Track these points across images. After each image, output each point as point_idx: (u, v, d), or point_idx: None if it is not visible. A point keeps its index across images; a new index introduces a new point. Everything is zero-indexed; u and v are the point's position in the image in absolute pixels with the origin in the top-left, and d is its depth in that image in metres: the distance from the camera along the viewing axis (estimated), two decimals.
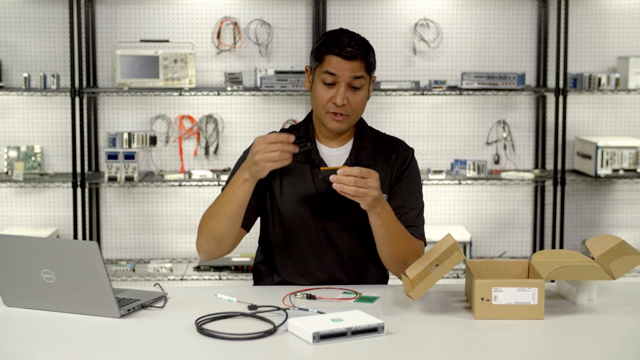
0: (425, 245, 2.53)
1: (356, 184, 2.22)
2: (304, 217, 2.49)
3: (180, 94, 4.39)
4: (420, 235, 2.51)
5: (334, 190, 2.33)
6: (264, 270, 2.60)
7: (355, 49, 2.40)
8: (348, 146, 2.54)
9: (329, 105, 2.43)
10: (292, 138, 2.26)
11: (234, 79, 4.42)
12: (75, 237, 4.38)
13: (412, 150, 2.59)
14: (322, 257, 2.50)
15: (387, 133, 2.64)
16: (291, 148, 2.26)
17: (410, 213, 2.50)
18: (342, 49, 2.39)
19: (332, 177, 2.23)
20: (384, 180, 2.50)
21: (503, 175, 4.54)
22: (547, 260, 2.30)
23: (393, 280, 4.40)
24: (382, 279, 2.59)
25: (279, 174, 2.51)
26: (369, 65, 2.44)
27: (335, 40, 2.42)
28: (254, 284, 2.63)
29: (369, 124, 2.63)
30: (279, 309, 2.13)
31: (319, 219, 2.48)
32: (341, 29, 2.47)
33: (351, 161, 2.51)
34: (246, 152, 2.53)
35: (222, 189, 2.47)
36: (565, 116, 4.45)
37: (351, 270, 2.51)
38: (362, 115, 2.51)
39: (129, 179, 4.33)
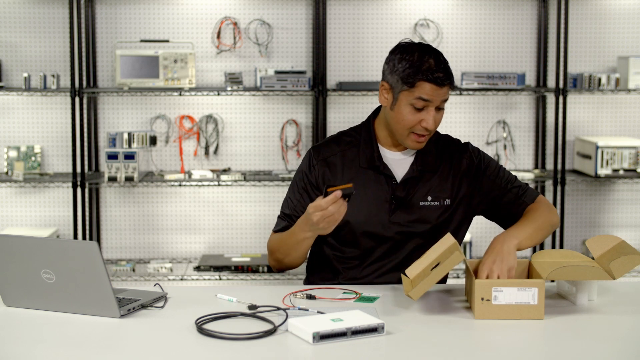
0: (542, 194, 2.60)
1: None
2: (371, 221, 2.49)
3: (180, 94, 4.39)
4: (535, 195, 2.54)
5: (398, 197, 2.43)
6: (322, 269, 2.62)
7: (445, 73, 2.41)
8: (410, 150, 2.55)
9: (416, 128, 2.44)
10: (339, 194, 2.23)
11: (234, 79, 4.42)
12: (75, 237, 4.38)
13: (468, 145, 2.61)
14: (384, 261, 2.52)
15: (443, 134, 2.65)
16: (341, 202, 2.25)
17: (513, 190, 2.54)
18: (435, 76, 2.39)
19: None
20: (445, 185, 2.52)
21: None
22: (547, 260, 2.30)
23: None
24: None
25: (339, 184, 2.49)
26: (452, 85, 2.46)
27: (424, 64, 2.40)
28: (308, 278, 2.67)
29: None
30: (279, 309, 2.13)
31: (384, 224, 2.49)
32: (422, 48, 2.45)
33: (416, 166, 2.51)
34: (304, 164, 2.57)
35: (285, 199, 2.57)
36: (565, 116, 4.45)
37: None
38: None
39: (129, 179, 4.33)
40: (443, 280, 2.59)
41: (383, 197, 2.49)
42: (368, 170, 2.52)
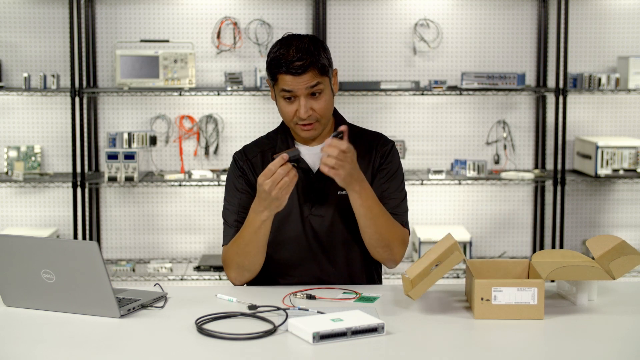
0: (409, 234, 2.56)
1: (337, 156, 2.25)
2: (295, 214, 2.49)
3: (180, 94, 4.39)
4: (403, 223, 2.52)
5: (316, 188, 2.42)
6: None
7: (303, 61, 2.38)
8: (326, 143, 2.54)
9: (295, 119, 2.44)
10: (285, 156, 2.27)
11: (234, 79, 4.42)
12: (75, 237, 4.38)
13: (391, 144, 2.59)
14: (308, 254, 2.51)
15: (368, 129, 2.65)
16: (289, 166, 2.27)
17: (390, 202, 2.51)
18: (290, 67, 2.38)
19: (325, 147, 2.26)
20: (364, 176, 2.49)
21: (503, 175, 4.54)
22: (547, 260, 2.30)
23: (393, 280, 4.41)
24: (371, 273, 2.60)
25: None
26: (322, 67, 2.42)
27: (282, 57, 2.39)
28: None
29: (369, 124, 2.64)
30: (279, 309, 2.13)
31: (305, 218, 2.49)
32: (289, 37, 2.45)
33: None
34: (232, 171, 2.58)
35: (224, 211, 2.54)
36: (565, 116, 4.45)
37: (332, 267, 2.51)
38: (331, 113, 2.50)
39: (129, 179, 4.33)
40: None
41: (302, 191, 2.49)
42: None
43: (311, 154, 2.53)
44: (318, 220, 2.49)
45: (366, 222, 2.39)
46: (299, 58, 2.38)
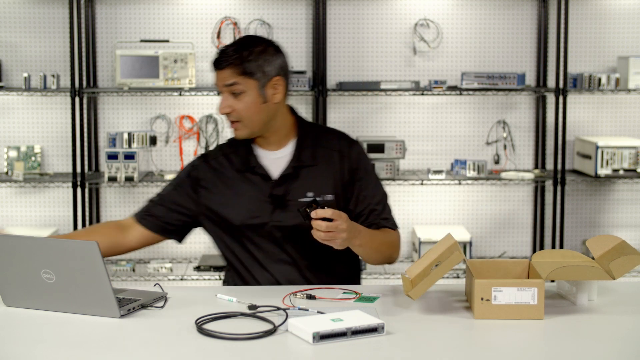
0: (399, 229, 2.59)
1: (327, 228, 2.21)
2: (253, 222, 2.49)
3: (180, 94, 4.39)
4: (393, 226, 2.54)
5: (275, 195, 2.45)
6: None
7: (225, 57, 2.42)
8: (288, 148, 2.55)
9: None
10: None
11: None
12: None
13: (357, 146, 2.60)
14: (277, 260, 2.51)
15: (332, 128, 2.67)
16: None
17: (376, 209, 2.53)
18: (214, 61, 2.45)
19: (313, 222, 2.23)
20: (327, 181, 2.50)
21: (503, 175, 4.54)
22: (547, 260, 2.30)
23: (393, 280, 4.41)
24: (353, 273, 2.61)
25: (219, 189, 2.52)
26: (245, 69, 2.42)
27: (218, 53, 2.47)
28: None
29: (369, 124, 2.64)
30: (279, 309, 2.13)
31: (266, 225, 2.49)
32: (238, 40, 2.50)
33: (293, 164, 2.50)
34: (184, 169, 2.62)
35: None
36: (565, 116, 4.45)
37: (308, 271, 2.52)
38: (257, 118, 2.48)
39: (129, 179, 4.33)
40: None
41: (262, 198, 2.49)
42: (245, 173, 2.52)
43: (269, 159, 2.53)
44: (279, 226, 2.49)
45: (368, 257, 2.46)
46: (222, 54, 2.44)
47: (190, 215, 2.57)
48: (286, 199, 2.49)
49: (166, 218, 2.56)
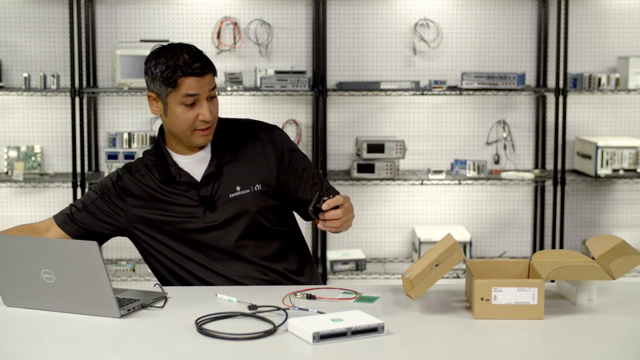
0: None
1: (342, 214, 2.25)
2: (191, 228, 2.47)
3: None
4: (337, 192, 2.52)
5: (204, 196, 2.44)
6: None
7: (202, 62, 2.39)
8: (207, 148, 2.52)
9: (196, 124, 2.41)
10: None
11: (234, 79, 4.42)
12: None
13: (277, 129, 2.59)
14: (221, 259, 2.50)
15: (243, 119, 2.63)
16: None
17: (312, 172, 2.55)
18: (193, 68, 2.37)
19: (322, 220, 2.25)
20: (254, 172, 2.49)
21: (503, 175, 4.54)
22: (547, 260, 2.30)
23: (393, 280, 4.41)
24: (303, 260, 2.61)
25: (147, 201, 2.49)
26: (215, 74, 2.44)
27: (178, 60, 2.38)
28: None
29: (369, 124, 2.65)
30: (279, 309, 2.13)
31: (202, 228, 2.47)
32: (173, 46, 2.44)
33: (214, 162, 2.48)
34: (105, 180, 2.56)
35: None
36: (565, 116, 4.45)
37: (257, 264, 2.51)
38: None
39: None
40: None
41: (192, 203, 2.47)
42: (169, 184, 2.49)
43: (190, 162, 2.51)
44: (215, 226, 2.47)
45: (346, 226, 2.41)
46: (198, 60, 2.40)
47: (116, 225, 2.51)
48: (215, 199, 2.46)
49: (89, 225, 2.50)
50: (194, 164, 2.51)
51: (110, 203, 2.51)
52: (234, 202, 2.47)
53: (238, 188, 2.48)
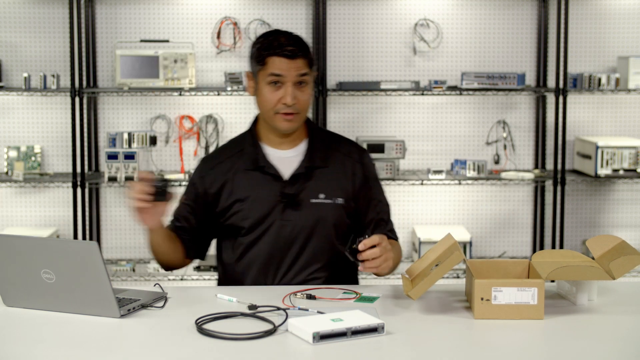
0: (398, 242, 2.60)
1: (380, 253, 2.22)
2: (265, 221, 2.49)
3: (180, 94, 4.39)
4: (396, 238, 2.58)
5: (287, 194, 2.45)
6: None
7: (296, 47, 2.43)
8: (300, 148, 2.55)
9: (278, 106, 2.44)
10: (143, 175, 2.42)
11: (234, 79, 4.42)
12: (75, 237, 4.38)
13: (367, 154, 2.62)
14: (291, 257, 2.51)
15: (339, 134, 2.67)
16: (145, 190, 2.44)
17: (384, 219, 2.56)
18: (283, 49, 2.41)
19: (364, 254, 2.22)
20: (338, 185, 2.51)
21: (503, 175, 4.54)
22: (547, 260, 2.30)
23: (393, 280, 4.41)
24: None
25: (231, 191, 2.51)
26: (311, 61, 2.46)
27: (274, 41, 2.44)
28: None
29: (369, 124, 2.65)
30: (279, 309, 2.13)
31: (277, 222, 2.49)
32: (276, 30, 2.50)
33: (305, 163, 2.50)
34: (191, 182, 2.63)
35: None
36: (565, 116, 4.45)
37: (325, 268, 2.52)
38: (307, 113, 2.52)
39: (129, 179, 4.33)
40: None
41: (272, 197, 2.48)
42: (254, 172, 2.51)
43: (282, 158, 2.52)
44: (288, 226, 2.48)
45: (389, 269, 2.39)
46: (292, 44, 2.43)
47: (210, 227, 2.59)
48: (298, 198, 2.48)
49: (195, 240, 2.62)
50: (283, 160, 2.52)
51: (201, 211, 2.59)
52: (314, 208, 2.48)
53: (322, 196, 2.49)
